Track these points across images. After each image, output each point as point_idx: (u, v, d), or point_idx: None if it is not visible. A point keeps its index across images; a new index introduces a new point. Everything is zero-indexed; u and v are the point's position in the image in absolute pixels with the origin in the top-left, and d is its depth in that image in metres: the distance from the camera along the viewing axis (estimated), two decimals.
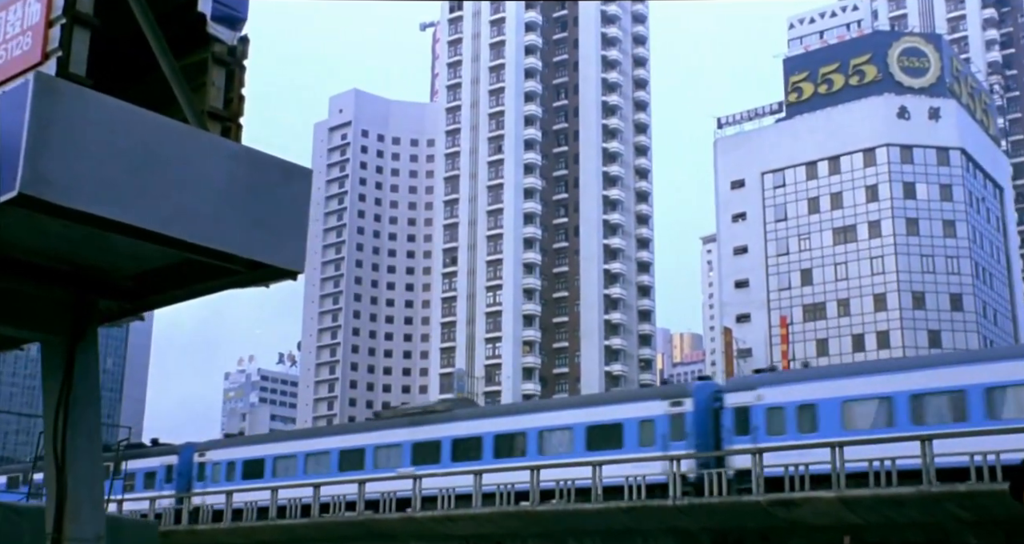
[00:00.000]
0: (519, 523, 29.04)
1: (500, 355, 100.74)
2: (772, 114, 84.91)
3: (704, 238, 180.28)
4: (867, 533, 24.45)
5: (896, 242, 75.53)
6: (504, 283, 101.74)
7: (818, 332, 78.00)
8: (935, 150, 76.70)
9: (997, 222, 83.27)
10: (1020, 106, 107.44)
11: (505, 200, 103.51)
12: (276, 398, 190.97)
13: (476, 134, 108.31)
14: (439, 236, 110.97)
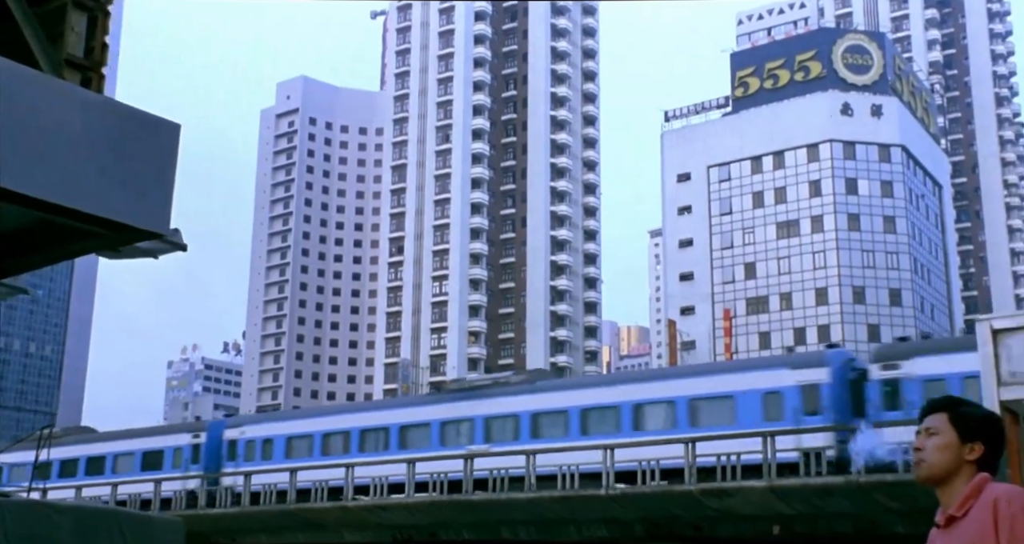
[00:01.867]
0: (452, 512, 28.77)
1: (445, 345, 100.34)
2: (719, 108, 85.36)
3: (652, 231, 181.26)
4: (797, 522, 24.55)
5: (838, 237, 76.38)
6: (450, 273, 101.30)
7: (761, 325, 78.69)
8: (877, 147, 77.67)
9: (936, 219, 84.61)
10: (959, 106, 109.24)
11: (452, 190, 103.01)
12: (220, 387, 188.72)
13: (424, 123, 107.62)
14: (386, 225, 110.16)
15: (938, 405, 2.87)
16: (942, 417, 2.83)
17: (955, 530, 2.72)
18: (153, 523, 10.05)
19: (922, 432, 2.85)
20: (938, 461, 2.80)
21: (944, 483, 2.79)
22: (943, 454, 2.80)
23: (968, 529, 2.70)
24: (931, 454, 2.81)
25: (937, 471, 2.80)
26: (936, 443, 2.80)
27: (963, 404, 2.86)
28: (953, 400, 2.89)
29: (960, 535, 2.70)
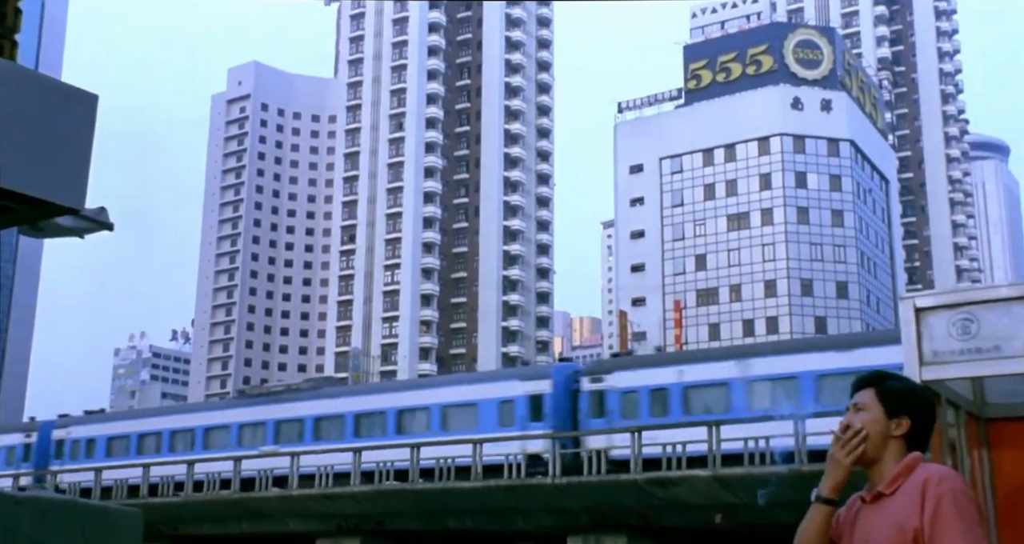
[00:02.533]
0: (398, 501, 28.62)
1: (397, 335, 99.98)
2: (672, 100, 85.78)
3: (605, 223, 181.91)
4: (740, 512, 24.75)
5: (787, 230, 77.21)
6: (402, 262, 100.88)
7: (710, 317, 79.35)
8: (826, 141, 78.59)
9: (883, 213, 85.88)
10: (907, 102, 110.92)
11: (405, 178, 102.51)
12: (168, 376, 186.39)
13: (377, 110, 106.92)
14: (338, 213, 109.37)
15: (866, 380, 2.78)
16: (869, 392, 2.74)
17: (882, 507, 2.64)
18: (111, 514, 9.89)
19: (850, 408, 2.77)
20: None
21: (873, 461, 2.70)
22: (870, 430, 2.71)
23: (895, 507, 2.62)
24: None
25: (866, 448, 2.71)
26: (863, 419, 2.71)
27: (890, 378, 2.77)
28: (880, 374, 2.79)
29: (887, 513, 2.62)
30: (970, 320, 3.18)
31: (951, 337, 3.21)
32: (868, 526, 2.63)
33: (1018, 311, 3.12)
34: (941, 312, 3.24)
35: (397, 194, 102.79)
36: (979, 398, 3.86)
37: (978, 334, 3.16)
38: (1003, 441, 3.77)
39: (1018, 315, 3.11)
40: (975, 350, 3.16)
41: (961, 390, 3.72)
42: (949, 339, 3.21)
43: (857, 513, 2.70)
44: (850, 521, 2.71)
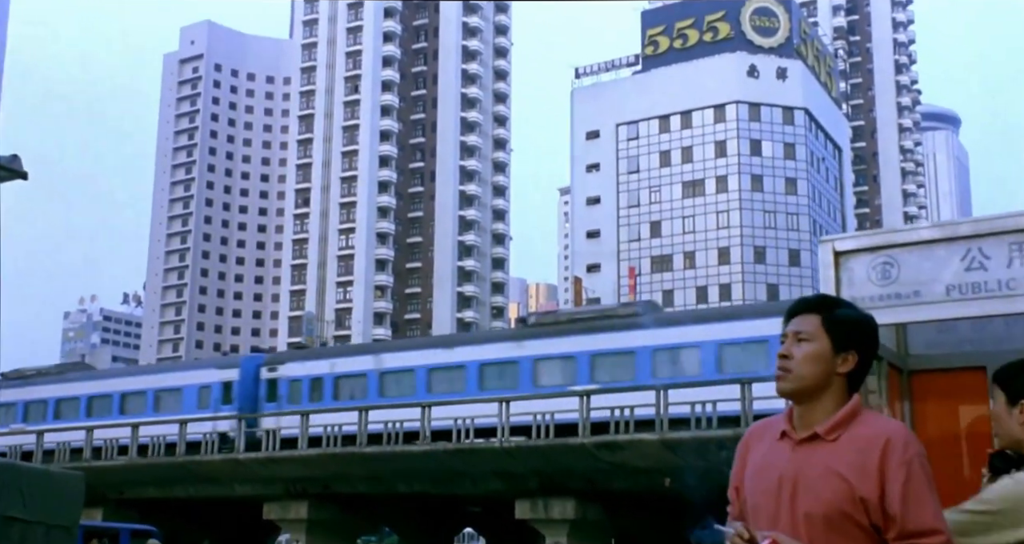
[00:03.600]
0: (346, 465, 28.45)
1: (351, 299, 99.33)
2: (629, 66, 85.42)
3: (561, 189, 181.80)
4: (687, 475, 24.88)
5: (741, 198, 77.54)
6: (357, 226, 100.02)
7: (664, 283, 79.70)
8: (781, 109, 78.81)
9: (835, 182, 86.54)
10: (861, 71, 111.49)
11: (360, 142, 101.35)
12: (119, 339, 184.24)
13: (332, 73, 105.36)
14: (292, 177, 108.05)
15: (811, 305, 2.43)
16: (814, 320, 2.38)
17: (816, 451, 2.31)
18: (53, 477, 9.66)
19: (789, 336, 2.40)
20: (809, 373, 2.35)
21: (810, 398, 2.36)
22: (815, 365, 2.35)
23: (836, 457, 2.30)
24: (801, 365, 2.36)
25: (808, 384, 2.35)
26: (807, 352, 2.35)
27: (839, 305, 2.43)
28: (827, 300, 2.47)
29: (825, 459, 2.30)
30: (890, 264, 3.00)
31: (871, 282, 3.03)
32: (798, 468, 2.29)
33: (940, 254, 2.94)
34: (862, 256, 3.05)
35: (352, 158, 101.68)
36: (903, 349, 3.70)
37: (898, 279, 2.98)
38: (926, 394, 3.62)
39: (939, 258, 2.93)
40: (895, 295, 2.98)
41: (885, 341, 3.55)
42: (869, 284, 3.03)
43: (772, 448, 2.37)
44: (763, 455, 2.37)
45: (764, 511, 2.30)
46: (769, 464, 2.34)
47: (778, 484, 2.29)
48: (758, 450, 2.42)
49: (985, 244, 2.87)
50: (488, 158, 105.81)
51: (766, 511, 2.30)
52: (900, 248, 2.99)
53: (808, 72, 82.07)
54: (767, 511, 2.30)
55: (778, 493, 2.29)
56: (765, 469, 2.34)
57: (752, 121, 78.58)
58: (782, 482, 2.29)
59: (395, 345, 45.72)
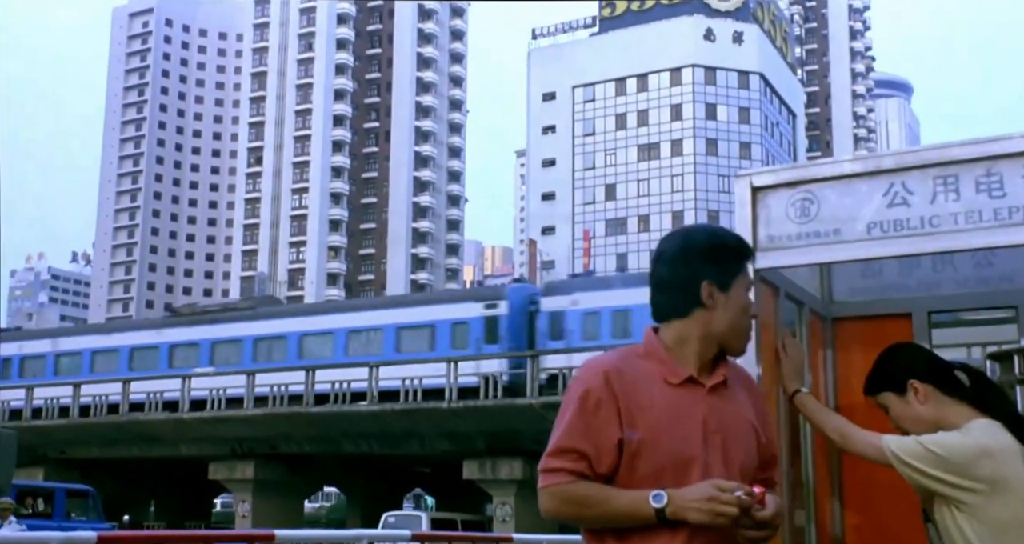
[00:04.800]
0: (292, 425, 28.22)
1: (304, 260, 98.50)
2: (586, 28, 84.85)
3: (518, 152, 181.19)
4: None
5: (696, 162, 77.68)
6: (311, 186, 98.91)
7: (619, 246, 79.86)
8: (737, 73, 78.81)
9: (789, 147, 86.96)
10: (816, 37, 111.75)
11: (314, 101, 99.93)
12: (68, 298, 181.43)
13: (286, 30, 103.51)
14: (244, 135, 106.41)
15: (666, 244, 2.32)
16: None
17: (726, 399, 2.17)
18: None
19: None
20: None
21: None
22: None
23: (743, 404, 2.20)
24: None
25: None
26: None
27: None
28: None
29: (737, 408, 2.18)
30: (810, 200, 2.79)
31: (789, 220, 2.82)
32: (719, 417, 2.13)
33: (862, 189, 2.74)
34: (780, 191, 2.85)
35: (305, 116, 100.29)
36: (826, 295, 3.52)
37: (817, 216, 2.78)
38: (850, 342, 3.45)
39: (861, 194, 2.73)
40: (814, 234, 2.77)
41: (807, 286, 3.37)
42: (787, 222, 2.82)
43: (676, 394, 2.13)
44: (666, 400, 2.12)
45: (695, 461, 2.08)
46: (685, 411, 2.12)
47: (703, 433, 2.10)
48: (645, 395, 2.11)
49: (909, 178, 2.67)
50: (444, 119, 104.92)
51: (698, 461, 2.08)
52: (820, 183, 2.79)
53: (764, 37, 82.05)
54: (699, 461, 2.08)
55: (705, 442, 2.10)
56: (682, 416, 2.11)
57: (708, 85, 78.53)
58: (708, 431, 2.11)
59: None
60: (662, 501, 2.01)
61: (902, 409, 2.57)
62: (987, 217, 2.58)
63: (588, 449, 2.05)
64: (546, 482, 2.07)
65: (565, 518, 2.14)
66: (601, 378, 2.09)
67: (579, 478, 2.05)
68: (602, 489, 2.06)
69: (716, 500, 1.99)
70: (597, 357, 2.17)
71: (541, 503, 2.11)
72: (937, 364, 2.59)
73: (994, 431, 2.44)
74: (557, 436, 2.09)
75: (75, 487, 19.62)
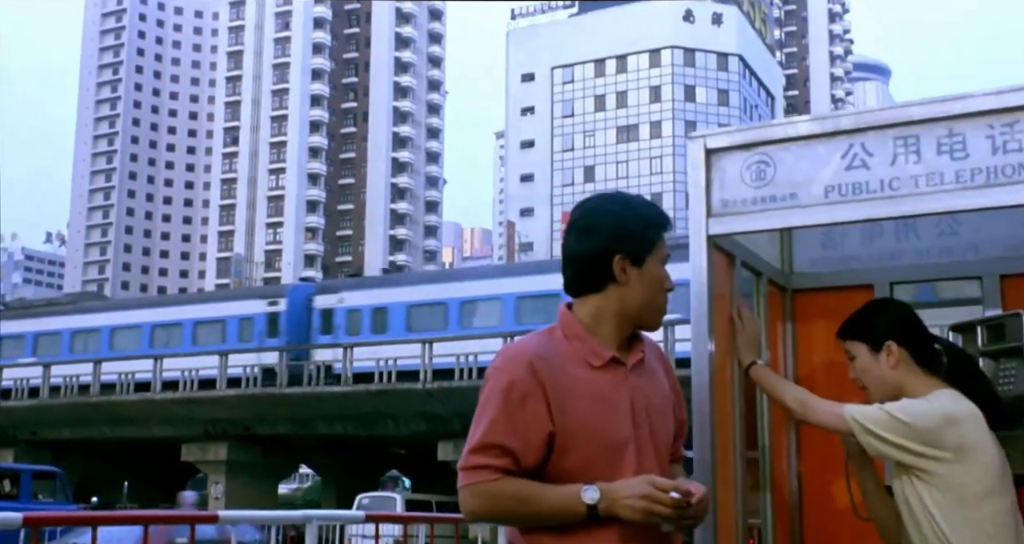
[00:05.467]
0: (266, 407, 28.02)
1: (281, 241, 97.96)
2: (565, 8, 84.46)
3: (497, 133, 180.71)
4: None
5: (675, 143, 77.61)
6: (288, 167, 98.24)
7: None
8: (716, 55, 78.72)
9: None
10: (795, 19, 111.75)
11: (291, 80, 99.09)
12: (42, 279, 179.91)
13: (263, 8, 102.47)
14: (221, 115, 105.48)
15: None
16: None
17: (646, 377, 2.08)
18: None
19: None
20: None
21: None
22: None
23: (661, 381, 2.13)
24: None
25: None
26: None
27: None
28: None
29: (657, 386, 2.10)
30: (766, 163, 2.66)
31: (744, 183, 2.69)
32: (644, 397, 2.04)
33: (819, 151, 2.60)
34: (735, 154, 2.71)
35: (283, 96, 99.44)
36: (787, 266, 3.39)
37: (773, 179, 2.64)
38: (810, 314, 3.33)
39: (818, 156, 2.60)
40: (770, 198, 2.64)
41: (767, 256, 3.24)
42: (742, 185, 2.69)
43: (598, 376, 2.02)
44: (591, 384, 2.00)
45: (627, 444, 1.98)
46: (611, 394, 2.00)
47: (631, 414, 2.00)
48: (571, 381, 1.98)
49: (868, 139, 2.54)
50: (422, 100, 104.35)
51: (630, 443, 1.98)
52: (777, 145, 2.65)
53: (743, 18, 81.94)
54: (632, 443, 1.98)
55: (635, 424, 2.00)
56: (609, 400, 2.00)
57: (687, 66, 78.41)
58: (636, 412, 2.01)
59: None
60: (594, 497, 1.89)
61: (869, 365, 2.49)
62: (949, 180, 2.45)
63: (513, 444, 1.92)
64: (468, 480, 1.94)
65: (490, 518, 2.01)
66: (525, 368, 1.95)
67: (504, 475, 1.92)
68: (530, 485, 1.93)
69: (651, 498, 1.88)
70: (516, 345, 2.03)
71: (463, 503, 1.96)
72: (920, 333, 2.50)
73: (957, 399, 2.38)
74: (480, 432, 1.94)
75: (42, 468, 19.38)
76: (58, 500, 17.20)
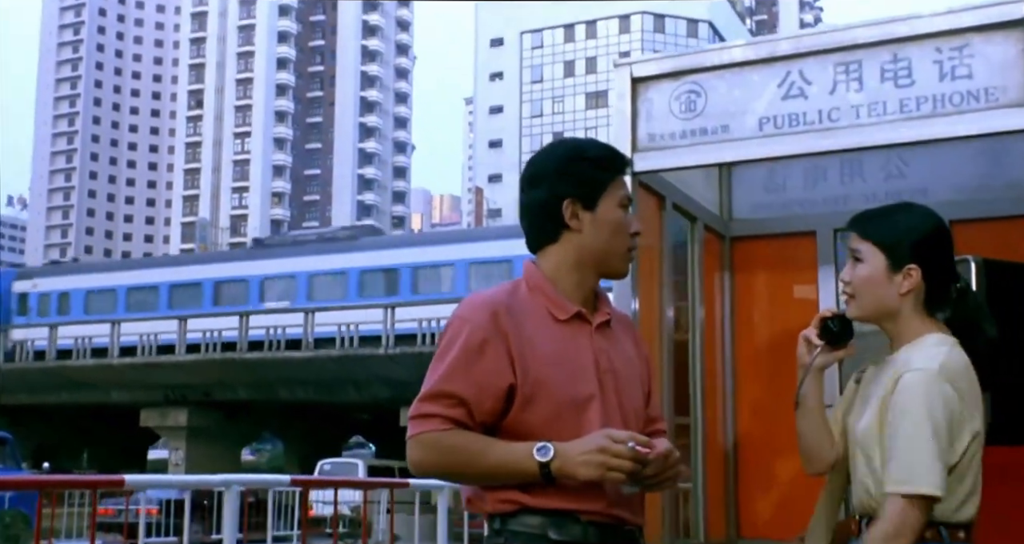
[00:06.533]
0: (227, 372, 27.68)
1: (247, 206, 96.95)
2: None
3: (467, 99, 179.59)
4: None
5: None
6: (253, 130, 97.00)
7: None
8: (686, 21, 78.20)
9: None
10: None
11: (256, 43, 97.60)
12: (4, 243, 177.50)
13: None
14: (184, 77, 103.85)
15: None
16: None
17: (612, 339, 1.94)
18: None
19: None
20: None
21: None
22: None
23: (629, 346, 1.99)
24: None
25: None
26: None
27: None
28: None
29: (624, 350, 1.96)
30: (696, 93, 2.42)
31: (673, 115, 2.45)
32: (608, 358, 1.89)
33: (753, 79, 2.37)
34: (663, 83, 2.48)
35: (248, 59, 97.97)
36: (726, 212, 3.17)
37: (704, 111, 2.41)
38: (750, 263, 3.11)
39: (753, 84, 2.36)
40: (700, 131, 2.41)
41: (705, 203, 3.02)
42: (670, 118, 2.45)
43: (560, 332, 1.88)
44: (553, 340, 1.87)
45: (593, 399, 1.84)
46: (575, 350, 1.86)
47: (596, 371, 1.87)
48: (535, 333, 1.85)
49: (806, 65, 2.31)
50: (390, 64, 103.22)
51: (596, 399, 1.84)
52: (709, 72, 2.42)
53: None
54: (598, 399, 1.84)
55: (600, 385, 1.87)
56: (572, 355, 1.86)
57: (657, 33, 77.88)
58: (600, 370, 1.87)
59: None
60: (547, 454, 1.72)
61: (879, 278, 2.04)
62: (892, 109, 2.23)
63: (468, 394, 1.78)
64: (415, 429, 1.79)
65: (435, 473, 1.85)
66: (487, 315, 1.81)
67: (455, 426, 1.78)
68: (480, 439, 1.78)
69: (607, 452, 1.70)
70: (480, 294, 1.91)
71: (408, 455, 1.81)
72: (947, 271, 2.08)
73: (957, 354, 2.02)
74: (434, 379, 1.82)
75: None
76: (8, 465, 16.84)
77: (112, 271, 37.23)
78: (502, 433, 1.81)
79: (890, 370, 2.00)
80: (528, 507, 1.78)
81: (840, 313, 2.11)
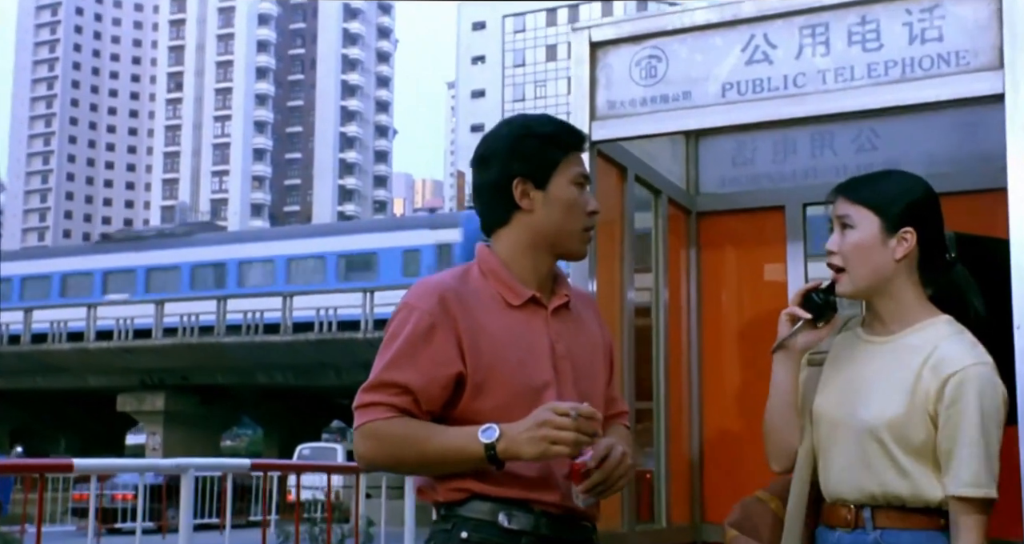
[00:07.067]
0: (204, 356, 27.51)
1: (227, 189, 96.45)
2: None
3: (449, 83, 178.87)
4: None
5: None
6: (234, 114, 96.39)
7: None
8: (668, 5, 78.10)
9: None
10: None
11: (237, 25, 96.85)
12: None
13: None
14: (164, 59, 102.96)
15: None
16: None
17: (569, 323, 1.87)
18: None
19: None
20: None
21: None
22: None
23: (589, 331, 1.91)
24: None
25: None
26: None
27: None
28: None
29: (584, 335, 1.89)
30: (658, 58, 2.31)
31: (633, 82, 2.34)
32: (566, 343, 1.83)
33: (716, 43, 2.26)
34: (623, 48, 2.36)
35: (228, 41, 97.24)
36: (692, 186, 3.06)
37: (665, 76, 2.30)
38: (717, 239, 3.01)
39: (715, 49, 2.25)
40: (661, 98, 2.30)
41: (671, 175, 2.91)
42: (630, 84, 2.34)
43: (512, 317, 1.81)
44: (504, 325, 1.79)
45: (548, 386, 1.78)
46: (529, 336, 1.79)
47: (551, 358, 1.80)
48: (486, 319, 1.77)
49: (771, 29, 2.21)
50: (372, 47, 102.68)
51: (551, 386, 1.78)
52: (670, 37, 2.31)
53: None
54: (553, 386, 1.78)
55: (556, 371, 1.80)
56: (526, 341, 1.78)
57: None
58: (556, 357, 1.81)
59: None
60: (493, 435, 1.67)
61: (872, 244, 1.89)
62: (860, 74, 2.12)
63: (414, 382, 1.72)
64: (359, 420, 1.74)
65: (382, 464, 1.79)
66: (435, 300, 1.75)
67: (400, 414, 1.72)
68: (425, 426, 1.72)
69: (550, 424, 1.65)
70: (429, 278, 1.85)
71: (355, 448, 1.76)
72: (940, 235, 1.95)
73: (961, 331, 1.91)
74: (379, 367, 1.76)
75: None
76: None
77: None
78: (453, 423, 1.74)
79: (909, 355, 1.85)
80: (479, 494, 1.72)
81: (823, 286, 1.95)
